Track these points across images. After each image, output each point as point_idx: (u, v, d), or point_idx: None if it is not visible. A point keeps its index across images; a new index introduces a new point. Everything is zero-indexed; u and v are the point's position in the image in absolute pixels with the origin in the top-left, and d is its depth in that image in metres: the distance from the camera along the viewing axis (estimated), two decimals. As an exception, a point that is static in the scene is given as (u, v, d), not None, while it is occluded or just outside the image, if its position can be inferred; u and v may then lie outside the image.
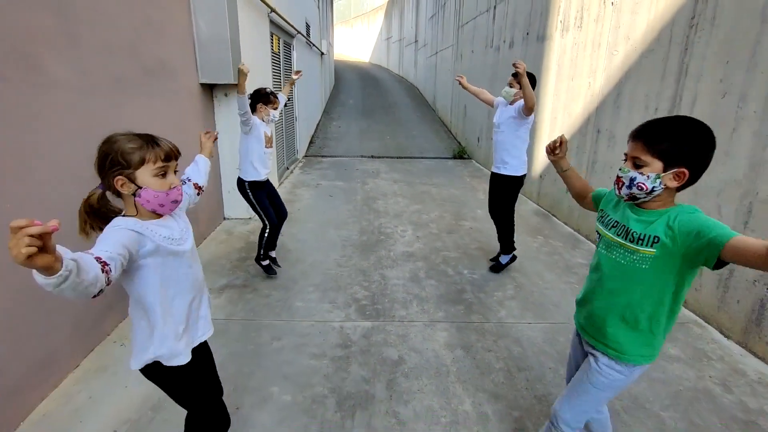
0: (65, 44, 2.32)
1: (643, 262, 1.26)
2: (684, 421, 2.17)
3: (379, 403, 2.23)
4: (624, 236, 1.32)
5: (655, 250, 1.23)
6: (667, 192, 1.25)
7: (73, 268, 0.86)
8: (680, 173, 1.20)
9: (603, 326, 1.41)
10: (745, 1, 2.80)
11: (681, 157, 1.19)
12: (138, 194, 1.25)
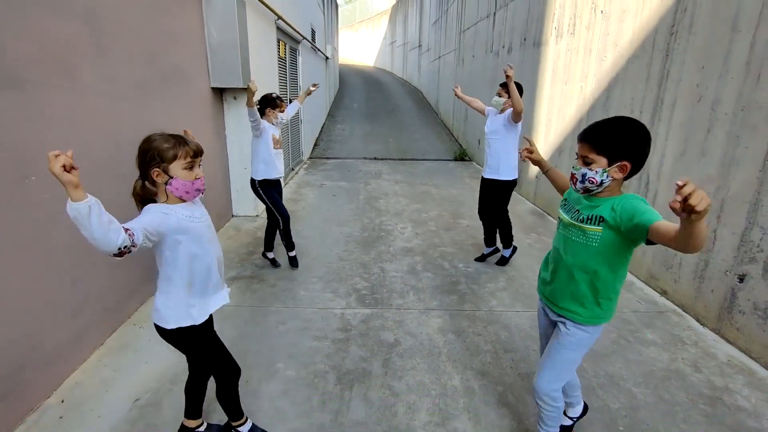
0: (95, 54, 2.57)
1: (592, 240, 1.49)
2: (654, 396, 2.37)
3: (375, 378, 2.46)
4: (577, 218, 1.54)
5: (601, 228, 1.46)
6: (614, 183, 1.47)
7: (96, 202, 1.19)
8: (623, 166, 1.43)
9: (564, 296, 1.63)
10: (718, 10, 3.02)
11: (622, 153, 1.41)
12: (169, 183, 1.51)
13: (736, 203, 2.85)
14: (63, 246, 2.34)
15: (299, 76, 8.37)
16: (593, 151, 1.44)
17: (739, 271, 2.82)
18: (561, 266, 1.64)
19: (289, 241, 3.87)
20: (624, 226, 1.39)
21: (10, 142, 2.00)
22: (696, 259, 3.19)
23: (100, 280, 2.69)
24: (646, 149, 1.43)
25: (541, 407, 1.76)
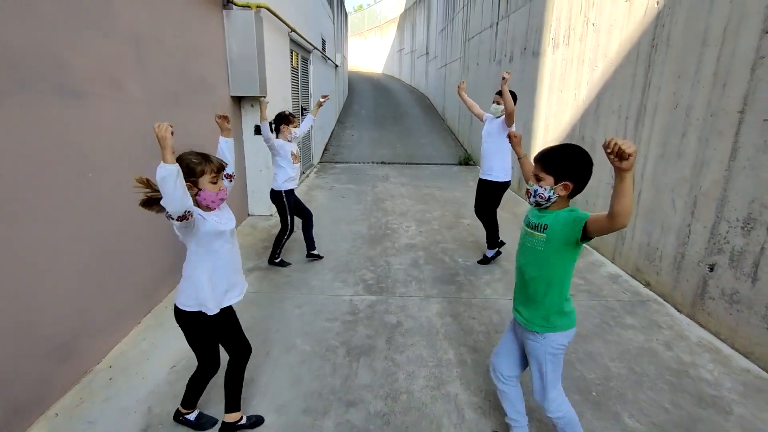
0: (138, 69, 2.97)
1: (538, 245, 1.77)
2: (626, 369, 2.67)
3: (379, 352, 2.79)
4: (528, 225, 1.83)
5: (545, 234, 1.74)
6: (560, 199, 1.73)
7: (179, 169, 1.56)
8: (566, 185, 1.69)
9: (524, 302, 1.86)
10: (691, 26, 3.33)
11: (565, 174, 1.68)
12: (198, 194, 1.83)
13: (706, 200, 3.15)
14: (111, 234, 2.73)
15: (310, 85, 8.80)
16: (543, 171, 1.72)
17: (709, 261, 3.12)
18: (518, 272, 1.90)
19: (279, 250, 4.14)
20: (565, 226, 1.65)
21: (74, 143, 2.39)
22: (674, 252, 3.48)
23: (138, 267, 3.07)
24: (587, 172, 1.69)
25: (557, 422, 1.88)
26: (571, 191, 1.69)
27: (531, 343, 1.84)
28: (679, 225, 3.43)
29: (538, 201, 1.75)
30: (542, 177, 1.72)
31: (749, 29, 2.80)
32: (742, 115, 2.85)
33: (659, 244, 3.67)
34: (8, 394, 1.99)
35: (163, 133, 1.53)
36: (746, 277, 2.81)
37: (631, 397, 2.43)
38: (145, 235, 3.13)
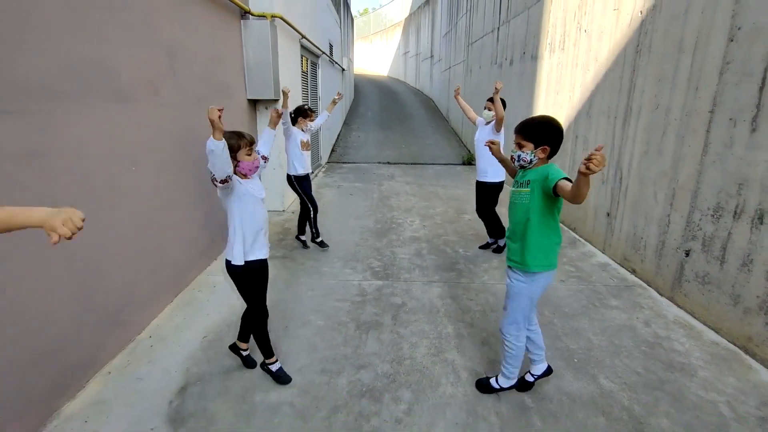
0: (171, 76, 3.35)
1: (524, 198, 2.13)
2: (606, 341, 2.99)
3: (385, 327, 3.13)
4: (515, 185, 2.20)
5: (529, 189, 2.10)
6: (540, 160, 2.11)
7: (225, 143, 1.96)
8: (544, 149, 2.07)
9: (512, 247, 2.26)
10: (669, 34, 3.65)
11: (543, 139, 2.05)
12: (238, 165, 2.22)
13: (683, 192, 3.46)
14: (150, 221, 3.10)
15: (319, 88, 9.18)
16: (524, 139, 2.10)
17: (685, 247, 3.43)
18: (509, 229, 2.27)
19: (317, 229, 4.61)
20: (541, 182, 2.03)
21: (123, 140, 2.76)
22: (656, 241, 3.79)
23: (172, 252, 3.44)
24: (560, 137, 2.06)
25: (505, 345, 2.34)
26: (548, 154, 2.08)
27: (507, 280, 2.29)
28: (660, 215, 3.74)
29: (522, 164, 2.14)
30: (524, 144, 2.11)
31: (717, 38, 3.12)
32: (712, 114, 3.16)
33: (644, 234, 3.98)
34: (73, 353, 2.36)
35: (212, 116, 1.94)
36: (716, 260, 3.12)
37: (608, 363, 2.75)
38: (177, 224, 3.50)
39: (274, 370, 2.54)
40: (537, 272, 2.19)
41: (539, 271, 2.19)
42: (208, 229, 4.05)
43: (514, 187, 2.24)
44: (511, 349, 2.34)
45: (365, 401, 2.38)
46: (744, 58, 2.89)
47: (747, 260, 2.86)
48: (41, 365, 2.14)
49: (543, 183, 2.02)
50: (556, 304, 3.49)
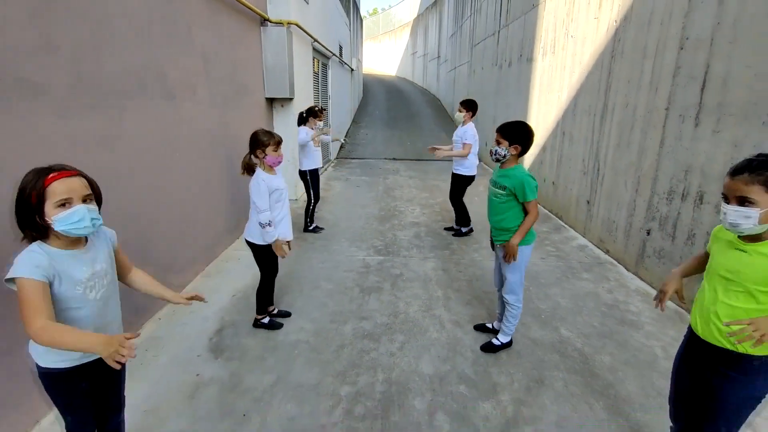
0: (205, 78, 3.94)
1: (501, 199, 2.66)
2: (572, 303, 3.53)
3: (385, 291, 3.70)
4: (493, 184, 2.73)
5: (504, 191, 2.63)
6: (512, 157, 2.63)
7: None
8: (516, 147, 2.59)
9: (497, 233, 2.78)
10: (636, 42, 4.16)
11: (515, 139, 2.58)
12: (265, 158, 2.77)
13: (645, 179, 3.97)
14: (189, 201, 3.70)
15: (329, 87, 9.76)
16: (502, 137, 2.62)
17: (646, 227, 3.94)
18: (490, 217, 2.79)
19: (312, 218, 5.20)
20: (517, 194, 2.55)
21: (169, 132, 3.36)
22: (625, 223, 4.31)
23: (204, 227, 4.03)
24: (530, 140, 2.58)
25: (507, 308, 2.80)
26: (519, 152, 2.59)
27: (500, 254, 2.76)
28: (629, 201, 4.25)
29: (497, 158, 2.65)
30: (501, 141, 2.62)
31: (671, 46, 3.63)
32: (668, 111, 3.68)
33: (616, 218, 4.49)
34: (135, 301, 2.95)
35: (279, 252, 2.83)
36: (668, 236, 3.64)
37: (570, 319, 3.29)
38: (210, 204, 4.10)
39: (266, 321, 3.09)
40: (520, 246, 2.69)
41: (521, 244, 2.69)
42: (233, 211, 4.65)
43: (491, 185, 2.76)
44: (513, 309, 2.80)
45: (366, 341, 2.94)
46: (690, 64, 3.40)
47: (690, 235, 3.37)
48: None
49: (519, 195, 2.56)
50: (534, 277, 4.03)
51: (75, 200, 1.35)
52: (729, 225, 1.44)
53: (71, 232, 1.35)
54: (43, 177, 1.32)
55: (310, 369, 2.64)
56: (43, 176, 1.32)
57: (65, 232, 1.34)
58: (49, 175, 1.33)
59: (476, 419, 2.26)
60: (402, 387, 2.49)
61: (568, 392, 2.48)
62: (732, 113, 2.99)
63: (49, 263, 1.34)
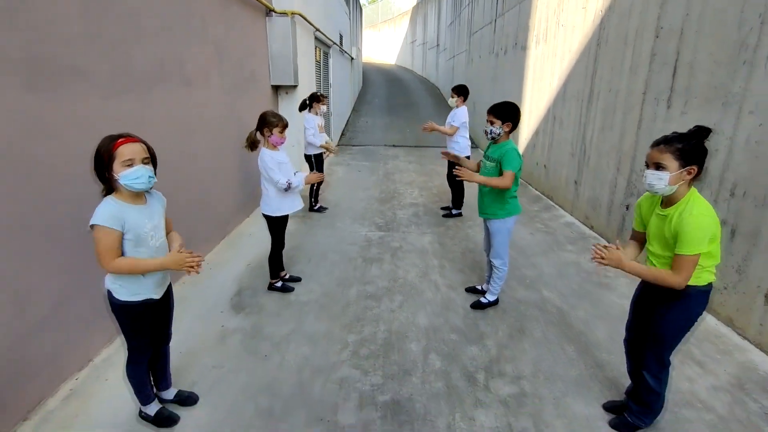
0: (218, 66, 4.26)
1: (489, 171, 3.00)
2: (555, 270, 3.89)
3: (386, 261, 4.06)
4: (485, 157, 3.07)
5: (494, 163, 2.97)
6: (504, 134, 2.98)
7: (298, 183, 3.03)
8: (508, 124, 2.94)
9: (483, 205, 3.13)
10: (619, 30, 4.47)
11: (506, 117, 2.92)
12: (270, 137, 3.10)
13: (625, 158, 4.31)
14: (204, 179, 4.04)
15: (330, 75, 10.03)
16: (493, 117, 2.95)
17: (626, 203, 4.30)
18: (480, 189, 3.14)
19: (316, 199, 5.54)
20: (500, 160, 2.89)
21: (188, 115, 3.69)
22: (608, 200, 4.65)
23: (218, 205, 4.38)
24: (518, 116, 2.92)
25: (494, 271, 3.17)
26: (510, 128, 2.94)
27: (489, 225, 3.12)
28: (611, 179, 4.60)
29: (493, 137, 2.98)
30: (494, 121, 2.95)
31: (648, 34, 3.95)
32: (644, 95, 4.00)
33: (599, 195, 4.84)
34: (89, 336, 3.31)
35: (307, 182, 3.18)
36: (644, 210, 3.98)
37: (552, 283, 3.66)
38: (222, 184, 4.44)
39: (279, 285, 3.46)
40: (503, 218, 3.04)
41: (504, 217, 3.04)
42: (243, 191, 4.99)
43: (484, 158, 3.10)
44: (499, 271, 3.17)
45: (369, 301, 3.32)
46: (664, 52, 3.72)
47: (662, 207, 3.72)
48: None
49: (502, 164, 2.88)
50: (522, 249, 4.39)
51: (136, 161, 1.70)
52: (648, 186, 1.80)
53: (132, 186, 1.70)
54: (113, 141, 1.67)
55: (321, 322, 3.01)
56: (113, 141, 1.67)
57: (127, 186, 1.69)
58: (118, 140, 1.68)
59: (464, 359, 2.63)
60: (401, 335, 2.87)
61: (545, 339, 2.85)
62: (696, 96, 3.32)
63: (120, 213, 1.70)
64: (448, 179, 5.59)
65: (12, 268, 2.03)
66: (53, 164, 2.24)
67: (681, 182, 1.77)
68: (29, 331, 2.12)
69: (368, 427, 2.10)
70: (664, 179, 1.75)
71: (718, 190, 3.11)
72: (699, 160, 1.77)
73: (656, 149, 1.80)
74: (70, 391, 2.29)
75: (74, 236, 2.36)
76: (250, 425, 2.10)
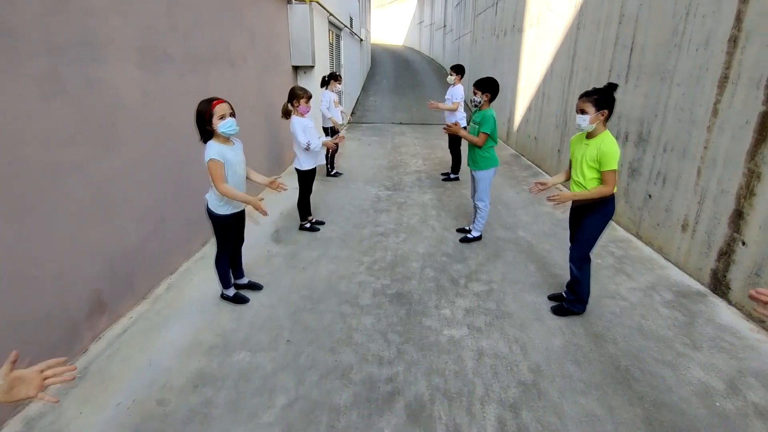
0: (252, 49, 5.08)
1: (473, 129, 3.84)
2: (531, 218, 4.74)
3: (393, 211, 4.94)
4: (472, 122, 3.90)
5: (477, 125, 3.80)
6: (485, 103, 3.80)
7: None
8: (487, 95, 3.76)
9: (471, 159, 3.98)
10: (594, 16, 5.19)
11: (486, 89, 3.74)
12: (298, 107, 3.96)
13: (595, 127, 5.08)
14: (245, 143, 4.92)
15: (341, 56, 10.77)
16: (477, 89, 3.78)
17: (595, 164, 5.09)
18: (468, 147, 3.99)
19: (332, 165, 6.42)
20: (480, 122, 3.74)
21: (230, 92, 4.54)
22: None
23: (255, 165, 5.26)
24: (495, 90, 3.75)
25: (477, 212, 4.08)
26: (489, 98, 3.76)
27: (475, 174, 3.97)
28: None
29: (475, 104, 3.82)
30: (476, 92, 3.79)
31: (614, 20, 4.69)
32: (610, 72, 4.77)
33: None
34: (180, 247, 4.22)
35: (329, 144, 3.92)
36: (607, 169, 4.78)
37: (527, 227, 4.51)
38: (256, 150, 5.31)
39: (307, 226, 4.36)
40: (485, 169, 3.90)
41: (486, 167, 3.90)
42: (274, 153, 5.87)
43: (472, 123, 3.94)
44: (482, 212, 4.06)
45: (379, 237, 4.21)
46: (625, 35, 4.47)
47: (630, 170, 4.53)
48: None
49: (480, 126, 3.73)
50: (507, 204, 5.24)
51: (227, 116, 2.57)
52: (577, 126, 2.63)
53: (227, 132, 2.57)
54: (211, 102, 2.54)
55: (342, 250, 3.92)
56: (211, 102, 2.54)
57: (224, 133, 2.57)
58: (214, 101, 2.55)
59: (451, 271, 3.52)
60: (404, 258, 3.76)
61: (513, 261, 3.73)
62: (645, 72, 4.10)
63: (222, 151, 2.58)
64: (450, 148, 6.38)
65: (139, 194, 2.93)
66: (158, 121, 3.13)
67: (597, 121, 2.58)
68: (145, 238, 3.04)
69: (380, 306, 3.01)
70: (586, 120, 2.57)
71: (656, 147, 3.91)
72: (609, 106, 2.57)
73: (580, 100, 2.60)
74: (168, 284, 3.23)
75: (179, 171, 3.27)
76: (298, 304, 3.02)
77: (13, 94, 1.98)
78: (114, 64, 2.67)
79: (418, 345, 2.60)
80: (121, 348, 2.54)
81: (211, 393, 2.20)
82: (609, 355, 2.52)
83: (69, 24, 2.30)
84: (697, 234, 3.40)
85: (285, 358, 2.47)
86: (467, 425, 2.02)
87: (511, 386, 2.27)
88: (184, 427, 1.99)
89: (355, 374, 2.34)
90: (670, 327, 2.78)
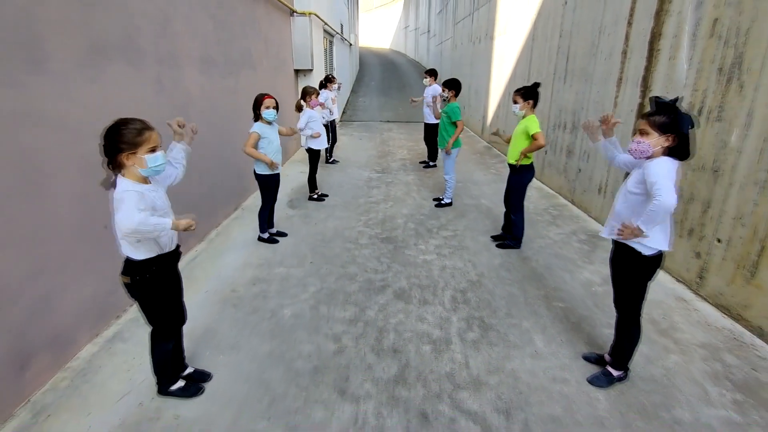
0: (265, 54, 6.18)
1: (444, 119, 5.02)
2: (492, 193, 5.93)
3: (382, 188, 6.09)
4: (443, 113, 5.08)
5: (446, 116, 4.98)
6: (452, 97, 4.98)
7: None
8: (453, 92, 4.93)
9: (440, 140, 5.15)
10: (544, 30, 6.42)
11: (451, 87, 4.92)
12: (310, 101, 5.10)
13: (545, 120, 6.31)
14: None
15: (334, 60, 11.89)
16: (445, 88, 4.95)
17: (545, 149, 6.31)
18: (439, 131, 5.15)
19: (331, 153, 7.55)
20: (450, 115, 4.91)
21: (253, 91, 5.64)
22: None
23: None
24: (459, 86, 4.92)
25: (446, 182, 5.24)
26: (455, 94, 4.94)
27: (443, 156, 5.14)
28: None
29: (444, 98, 5.00)
30: (444, 90, 4.97)
31: (555, 35, 5.91)
32: (554, 75, 5.99)
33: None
34: (222, 206, 5.31)
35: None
36: (553, 153, 6.01)
37: (489, 197, 5.70)
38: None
39: (315, 196, 5.48)
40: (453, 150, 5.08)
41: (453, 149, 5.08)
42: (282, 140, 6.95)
43: (442, 114, 5.10)
44: (449, 182, 5.23)
45: (372, 204, 5.35)
46: (564, 46, 5.70)
47: (564, 150, 5.75)
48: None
49: (451, 116, 4.89)
50: (476, 182, 6.43)
51: (271, 107, 3.69)
52: (513, 112, 3.81)
53: (267, 119, 3.69)
54: (263, 96, 3.67)
55: (344, 212, 5.05)
56: (263, 96, 3.67)
57: (265, 118, 3.68)
58: (265, 96, 3.67)
59: (427, 224, 4.69)
60: (391, 216, 4.91)
61: (474, 219, 4.91)
62: (576, 75, 5.32)
63: (264, 130, 3.70)
64: (425, 140, 7.56)
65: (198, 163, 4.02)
66: (210, 110, 4.22)
67: (525, 108, 3.76)
68: (202, 194, 4.14)
69: (374, 244, 4.16)
70: (517, 107, 3.75)
71: (583, 133, 5.13)
72: (533, 98, 3.76)
73: (514, 95, 3.79)
74: (216, 233, 4.33)
75: (222, 148, 4.37)
76: (314, 243, 4.15)
77: (141, 90, 3.08)
78: (186, 69, 3.77)
79: (402, 263, 3.75)
80: (197, 265, 3.64)
81: (265, 286, 3.32)
82: (530, 267, 3.71)
83: (167, 42, 3.40)
84: (607, 194, 4.62)
85: (310, 270, 3.60)
86: (432, 299, 3.18)
87: (462, 282, 3.44)
88: (252, 301, 3.11)
89: (359, 278, 3.48)
90: (577, 252, 3.99)
